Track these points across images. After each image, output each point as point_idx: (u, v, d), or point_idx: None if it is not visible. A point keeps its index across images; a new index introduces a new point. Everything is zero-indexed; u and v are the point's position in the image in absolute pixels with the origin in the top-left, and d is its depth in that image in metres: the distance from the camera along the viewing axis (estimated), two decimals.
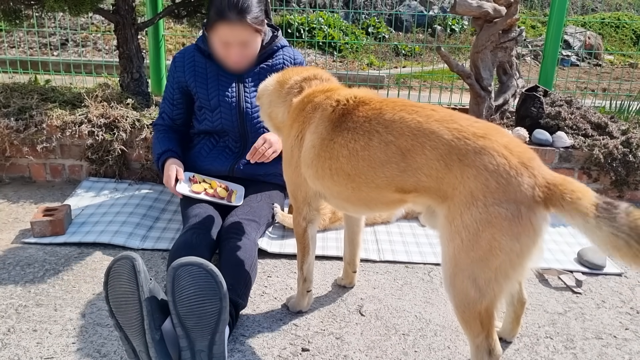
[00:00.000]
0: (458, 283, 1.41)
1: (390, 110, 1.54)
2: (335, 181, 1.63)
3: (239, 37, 2.27)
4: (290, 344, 1.76)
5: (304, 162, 1.72)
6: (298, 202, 1.83)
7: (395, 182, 1.50)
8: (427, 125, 1.45)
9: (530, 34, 8.90)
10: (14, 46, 6.00)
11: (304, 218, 1.84)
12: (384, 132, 1.51)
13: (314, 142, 1.67)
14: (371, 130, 1.54)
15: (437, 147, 1.41)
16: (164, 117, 2.53)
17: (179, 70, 2.45)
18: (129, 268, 1.47)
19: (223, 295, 1.49)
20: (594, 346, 1.84)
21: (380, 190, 1.55)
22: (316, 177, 1.69)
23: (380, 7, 8.94)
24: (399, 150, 1.47)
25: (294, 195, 1.83)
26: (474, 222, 1.34)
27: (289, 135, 1.79)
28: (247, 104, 2.41)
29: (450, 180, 1.39)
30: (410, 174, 1.46)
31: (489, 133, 1.40)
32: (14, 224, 2.53)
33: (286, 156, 1.83)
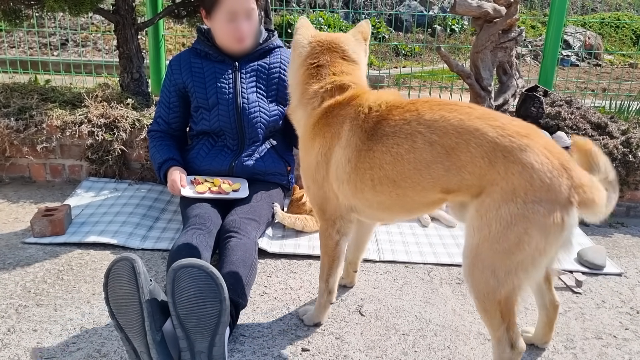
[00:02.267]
0: (477, 272, 1.43)
1: (428, 110, 1.52)
2: (378, 191, 1.59)
3: (245, 4, 2.32)
4: (290, 344, 1.76)
5: (337, 179, 1.65)
6: (328, 215, 1.76)
7: (441, 182, 1.49)
8: (470, 123, 1.45)
9: (530, 34, 8.90)
10: (14, 46, 5.99)
11: (337, 231, 1.76)
12: (427, 133, 1.49)
13: (349, 156, 1.61)
14: (413, 132, 1.51)
15: (482, 144, 1.41)
16: (160, 122, 2.53)
17: (176, 72, 2.45)
18: (129, 270, 1.46)
19: (223, 297, 1.49)
20: (594, 346, 1.84)
21: (425, 192, 1.53)
22: (354, 192, 1.63)
23: (380, 7, 8.94)
24: (444, 149, 1.46)
25: (322, 208, 1.76)
26: (509, 215, 1.37)
27: (312, 149, 1.71)
28: (244, 99, 2.41)
29: (492, 176, 1.40)
30: (454, 172, 1.46)
31: (530, 133, 1.42)
32: (14, 224, 2.53)
33: (309, 172, 1.74)
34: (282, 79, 2.49)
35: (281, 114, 2.50)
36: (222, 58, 2.44)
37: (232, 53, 2.44)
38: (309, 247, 2.38)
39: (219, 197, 2.27)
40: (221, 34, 2.38)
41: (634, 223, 2.95)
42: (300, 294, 2.06)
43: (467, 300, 2.07)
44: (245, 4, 2.31)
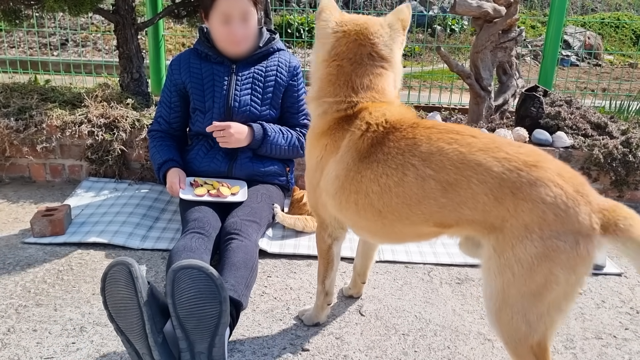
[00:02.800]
0: (506, 318, 1.33)
1: (426, 141, 1.41)
2: (362, 216, 1.51)
3: (239, 7, 2.29)
4: (290, 344, 1.76)
5: (325, 190, 1.59)
6: (322, 219, 1.72)
7: (434, 218, 1.40)
8: (471, 157, 1.34)
9: (530, 34, 8.90)
10: (14, 46, 5.99)
11: (329, 235, 1.73)
12: (420, 166, 1.38)
13: (338, 173, 1.53)
14: (405, 163, 1.40)
15: (486, 180, 1.31)
16: (160, 122, 2.53)
17: (176, 72, 2.46)
18: (126, 274, 1.46)
19: (223, 298, 1.49)
20: (594, 346, 1.84)
21: (415, 226, 1.44)
22: (339, 209, 1.57)
23: (380, 7, 8.93)
24: (440, 184, 1.36)
25: (317, 212, 1.72)
26: (529, 256, 1.26)
27: (313, 153, 1.64)
28: (236, 102, 2.41)
29: (500, 213, 1.30)
30: (451, 208, 1.36)
31: (540, 160, 1.32)
32: (14, 224, 2.53)
33: (308, 173, 1.69)
34: (278, 83, 2.48)
35: (273, 117, 2.50)
36: (220, 59, 2.44)
37: (230, 56, 2.44)
38: (308, 247, 2.38)
39: (217, 201, 2.27)
40: (217, 36, 2.38)
41: None
42: (300, 294, 2.06)
43: (467, 300, 2.07)
44: (240, 7, 2.29)
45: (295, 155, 2.57)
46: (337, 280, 2.16)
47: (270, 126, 2.44)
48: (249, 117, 2.42)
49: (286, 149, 2.48)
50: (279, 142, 2.45)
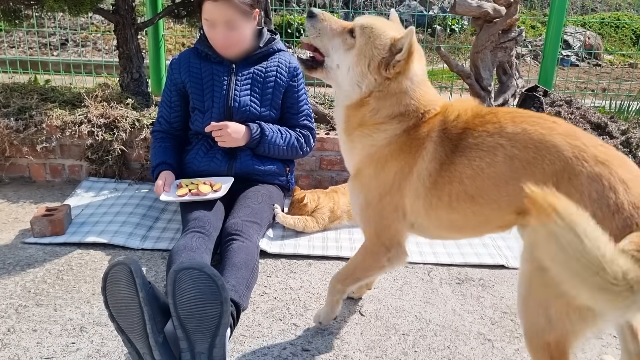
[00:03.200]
0: (529, 307, 1.33)
1: (511, 123, 1.45)
2: (453, 208, 1.50)
3: (223, 15, 2.27)
4: (290, 344, 1.76)
5: (414, 195, 1.55)
6: (384, 239, 1.64)
7: (516, 201, 1.40)
8: (549, 138, 1.37)
9: (530, 34, 8.90)
10: (14, 46, 5.99)
11: (388, 259, 1.66)
12: (508, 146, 1.42)
13: (431, 170, 1.52)
14: (495, 144, 1.44)
15: (554, 161, 1.34)
16: (162, 122, 2.54)
17: (176, 71, 2.47)
18: (127, 274, 1.46)
19: (224, 299, 1.49)
20: (594, 346, 1.84)
21: (501, 211, 1.45)
22: (428, 208, 1.55)
23: (380, 7, 8.94)
24: (521, 164, 1.39)
25: (379, 234, 1.64)
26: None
27: (387, 168, 1.59)
28: (235, 103, 2.41)
29: None
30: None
31: (610, 161, 1.30)
32: (14, 224, 2.53)
33: (374, 192, 1.62)
34: (277, 84, 2.48)
35: (273, 118, 2.50)
36: (220, 59, 2.44)
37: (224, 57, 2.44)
38: (308, 247, 2.38)
39: (198, 199, 2.27)
40: (208, 39, 2.40)
41: None
42: (300, 294, 2.06)
43: (467, 300, 2.07)
44: (224, 15, 2.27)
45: (295, 155, 2.57)
46: None
47: (268, 126, 2.44)
48: (248, 117, 2.42)
49: (285, 149, 2.48)
50: (277, 142, 2.45)
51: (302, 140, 2.54)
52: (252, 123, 2.41)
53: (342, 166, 3.02)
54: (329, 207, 2.54)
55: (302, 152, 2.57)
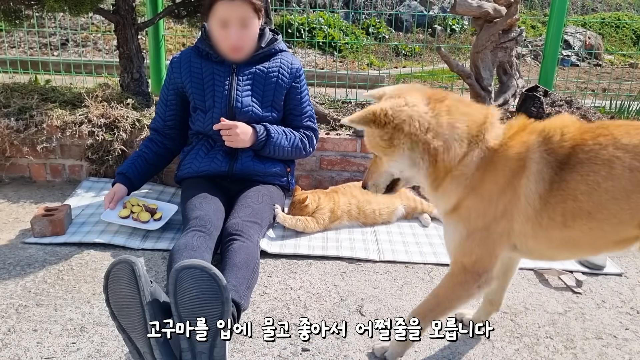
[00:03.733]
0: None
1: (625, 135, 1.41)
2: (567, 226, 1.46)
3: (238, 12, 2.27)
4: (290, 344, 1.76)
5: (522, 218, 1.51)
6: (478, 268, 1.58)
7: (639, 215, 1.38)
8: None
9: (530, 34, 8.90)
10: (14, 46, 6.00)
11: (479, 286, 1.59)
12: (626, 158, 1.38)
13: (540, 191, 1.47)
14: (610, 157, 1.39)
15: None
16: (157, 119, 2.55)
17: (176, 71, 2.46)
18: (129, 272, 1.46)
19: (225, 299, 1.49)
20: (594, 346, 1.84)
21: (622, 226, 1.42)
22: (537, 230, 1.50)
23: (380, 7, 8.94)
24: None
25: (479, 261, 1.57)
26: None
27: (485, 194, 1.54)
28: (238, 103, 2.40)
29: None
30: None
31: None
32: (14, 224, 2.53)
33: (476, 224, 1.56)
34: (279, 85, 2.47)
35: (274, 119, 2.50)
36: (221, 59, 2.43)
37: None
38: (309, 247, 2.38)
39: (136, 226, 2.37)
40: (215, 41, 2.39)
41: None
42: (300, 294, 2.06)
43: None
44: (238, 12, 2.27)
45: (298, 156, 2.57)
46: (340, 281, 2.16)
47: (273, 127, 2.44)
48: (251, 117, 2.42)
49: (289, 150, 2.48)
50: (282, 144, 2.45)
51: (306, 141, 2.54)
52: (257, 124, 2.41)
53: (342, 166, 3.02)
54: (329, 207, 2.54)
55: (306, 152, 2.58)
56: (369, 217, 2.62)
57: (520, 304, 2.06)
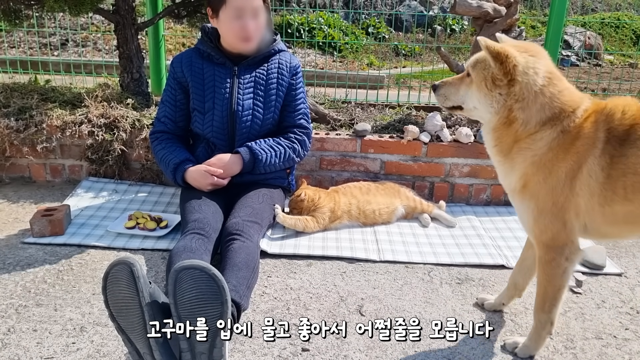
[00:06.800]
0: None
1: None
2: (629, 200, 1.54)
3: (252, 2, 2.29)
4: (290, 344, 1.76)
5: (587, 192, 1.59)
6: (558, 242, 1.66)
7: None
8: None
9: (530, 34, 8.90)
10: (14, 46, 5.99)
11: (566, 258, 1.67)
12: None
13: (603, 164, 1.56)
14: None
15: None
16: (165, 122, 2.48)
17: (178, 70, 2.44)
18: (127, 274, 1.46)
19: (225, 299, 1.48)
20: (594, 346, 1.84)
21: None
22: (603, 204, 1.58)
23: (380, 7, 8.93)
24: None
25: (556, 235, 1.66)
26: None
27: (554, 170, 1.62)
28: (239, 106, 2.40)
29: None
30: None
31: None
32: (14, 224, 2.53)
33: (547, 196, 1.64)
34: (280, 85, 2.47)
35: (275, 121, 2.49)
36: (223, 60, 2.43)
37: (237, 53, 2.42)
38: (308, 247, 2.38)
39: (144, 234, 2.40)
40: (227, 32, 2.36)
41: None
42: (300, 294, 2.06)
43: (467, 300, 2.07)
44: (252, 2, 2.29)
45: (292, 165, 2.57)
46: (340, 281, 2.16)
47: (259, 146, 2.40)
48: (252, 121, 2.41)
49: (281, 165, 2.48)
50: (272, 162, 2.42)
51: (298, 147, 2.51)
52: (240, 148, 2.38)
53: (342, 166, 3.02)
54: (329, 207, 2.54)
55: (299, 158, 2.57)
56: (369, 217, 2.62)
57: (520, 304, 2.06)
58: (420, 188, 3.00)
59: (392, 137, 3.01)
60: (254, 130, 2.43)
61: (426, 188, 3.02)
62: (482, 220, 2.77)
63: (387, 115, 3.39)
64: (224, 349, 1.52)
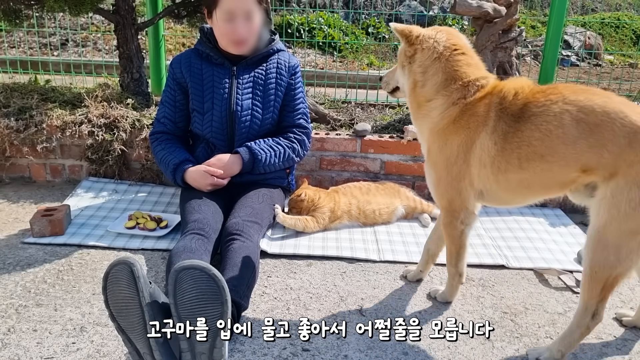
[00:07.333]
0: (600, 248, 1.57)
1: (572, 93, 1.65)
2: (523, 168, 1.70)
3: (244, 5, 2.27)
4: (291, 344, 1.76)
5: (478, 163, 1.77)
6: (454, 207, 1.87)
7: (583, 159, 1.60)
8: (612, 105, 1.58)
9: (530, 34, 8.90)
10: (14, 46, 5.99)
11: (461, 222, 1.89)
12: (574, 111, 1.61)
13: (496, 140, 1.73)
14: (561, 110, 1.63)
15: (626, 124, 1.54)
16: (165, 123, 2.48)
17: (177, 70, 2.44)
18: (128, 274, 1.46)
19: (225, 299, 1.48)
20: (594, 346, 1.84)
21: (568, 168, 1.64)
22: (496, 173, 1.75)
23: (380, 7, 8.93)
24: (588, 126, 1.58)
25: (451, 201, 1.87)
26: (638, 197, 1.51)
27: (449, 142, 1.81)
28: (238, 107, 2.39)
29: (629, 157, 1.53)
30: (596, 149, 1.58)
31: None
32: (14, 224, 2.53)
33: (442, 165, 1.84)
34: (279, 84, 2.47)
35: (274, 121, 2.49)
36: (221, 61, 2.43)
37: (233, 53, 2.42)
38: (308, 247, 2.38)
39: (144, 234, 2.40)
40: (220, 35, 2.37)
41: None
42: (300, 294, 2.06)
43: (467, 300, 2.07)
44: (244, 5, 2.28)
45: (291, 165, 2.57)
46: (340, 281, 2.16)
47: (258, 146, 2.40)
48: (251, 121, 2.41)
49: (281, 165, 2.48)
50: (272, 162, 2.43)
51: (297, 147, 2.51)
52: (240, 148, 2.39)
53: (342, 166, 3.03)
54: (329, 207, 2.54)
55: (299, 158, 2.57)
56: (369, 217, 2.62)
57: (520, 304, 2.06)
58: (420, 188, 3.00)
59: (392, 137, 3.01)
60: (253, 130, 2.42)
61: (426, 188, 3.02)
62: (482, 220, 2.77)
63: (387, 115, 3.39)
64: (224, 349, 1.52)
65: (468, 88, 1.79)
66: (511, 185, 1.76)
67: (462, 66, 1.82)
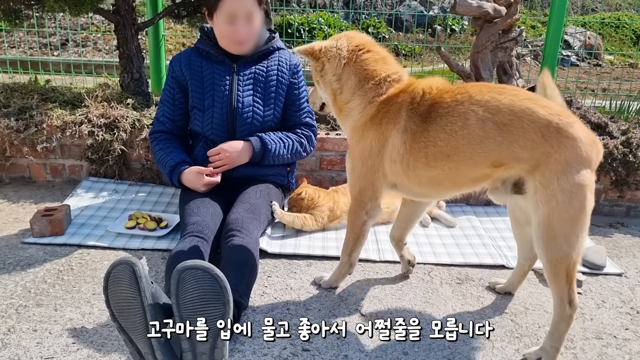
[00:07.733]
0: (551, 241, 1.60)
1: (478, 93, 1.69)
2: (431, 166, 1.75)
3: (245, 7, 2.28)
4: (291, 344, 1.76)
5: (389, 159, 1.83)
6: (363, 197, 1.92)
7: (492, 156, 1.66)
8: (520, 103, 1.63)
9: (530, 34, 8.90)
10: (14, 46, 5.99)
11: (366, 212, 1.93)
12: (479, 111, 1.65)
13: (405, 139, 1.78)
14: (466, 111, 1.67)
15: (535, 120, 1.60)
16: (164, 121, 2.48)
17: (177, 69, 2.44)
18: (129, 274, 1.46)
19: (227, 300, 1.48)
20: (594, 346, 1.84)
21: (477, 166, 1.69)
22: (406, 170, 1.80)
23: (380, 7, 8.93)
24: (496, 125, 1.63)
25: (362, 191, 1.92)
26: (570, 185, 1.56)
27: (365, 137, 1.87)
28: (239, 103, 2.40)
29: (545, 149, 1.59)
30: (505, 147, 1.63)
31: (568, 114, 1.64)
32: (14, 224, 2.53)
33: (358, 157, 1.90)
34: (280, 82, 2.47)
35: (276, 118, 2.49)
36: (222, 58, 2.43)
37: (233, 53, 2.43)
38: (309, 247, 2.38)
39: (144, 234, 2.41)
40: (221, 36, 2.37)
41: (634, 223, 2.95)
42: (300, 294, 2.06)
43: (467, 300, 2.07)
44: (245, 7, 2.28)
45: (299, 159, 2.58)
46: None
47: (269, 137, 2.42)
48: (252, 117, 2.41)
49: (289, 157, 2.48)
50: (281, 153, 2.44)
51: (305, 142, 2.54)
52: (251, 137, 2.40)
53: (342, 166, 3.02)
54: (328, 206, 2.54)
55: (306, 153, 2.58)
56: None
57: (520, 304, 2.06)
58: None
59: None
60: (254, 127, 2.43)
61: None
62: (482, 221, 2.77)
63: None
64: (225, 349, 1.52)
65: (380, 85, 1.85)
66: (422, 181, 1.82)
67: (370, 64, 1.87)
